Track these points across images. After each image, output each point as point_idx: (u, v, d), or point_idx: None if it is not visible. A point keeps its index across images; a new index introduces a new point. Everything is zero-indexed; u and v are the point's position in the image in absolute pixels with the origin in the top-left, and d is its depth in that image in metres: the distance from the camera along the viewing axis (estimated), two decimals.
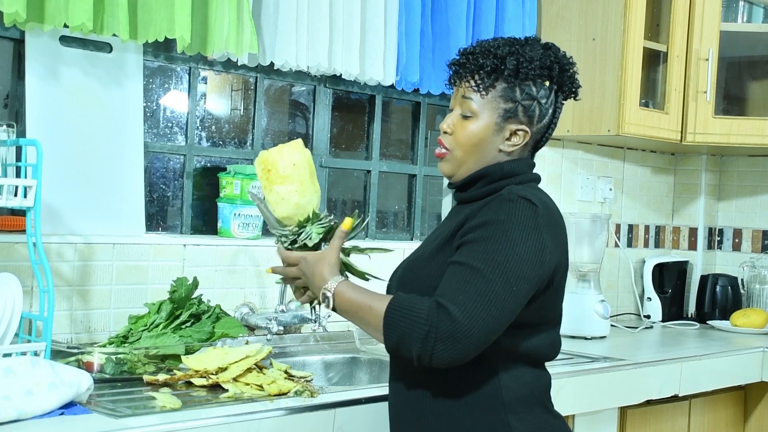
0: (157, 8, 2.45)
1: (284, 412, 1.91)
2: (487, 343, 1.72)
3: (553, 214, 1.84)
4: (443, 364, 1.69)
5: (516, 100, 1.87)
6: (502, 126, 1.88)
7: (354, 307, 1.78)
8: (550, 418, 1.91)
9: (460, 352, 1.68)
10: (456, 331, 1.66)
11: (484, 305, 1.69)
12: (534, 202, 1.79)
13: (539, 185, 1.95)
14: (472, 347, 1.69)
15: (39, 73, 2.41)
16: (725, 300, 4.05)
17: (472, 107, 1.88)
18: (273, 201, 1.90)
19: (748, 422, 3.44)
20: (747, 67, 4.12)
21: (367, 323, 1.76)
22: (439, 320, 1.67)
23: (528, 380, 1.87)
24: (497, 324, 1.71)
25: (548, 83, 1.90)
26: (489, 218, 1.77)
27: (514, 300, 1.73)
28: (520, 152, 1.92)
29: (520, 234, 1.75)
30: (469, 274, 1.72)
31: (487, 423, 1.82)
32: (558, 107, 1.93)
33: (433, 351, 1.67)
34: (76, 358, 2.10)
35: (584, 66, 3.49)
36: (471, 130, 1.89)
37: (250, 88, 2.98)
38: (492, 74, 1.87)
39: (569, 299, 3.37)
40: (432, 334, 1.66)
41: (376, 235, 3.30)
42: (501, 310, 1.71)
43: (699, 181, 4.25)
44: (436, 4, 3.18)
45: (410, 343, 1.68)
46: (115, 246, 2.51)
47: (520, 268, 1.73)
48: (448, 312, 1.67)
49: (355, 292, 1.80)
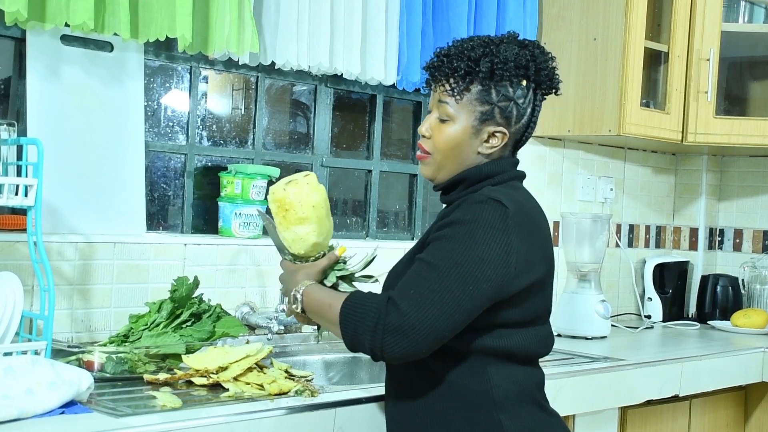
0: (158, 7, 2.45)
1: (285, 411, 1.91)
2: (441, 340, 1.72)
3: (527, 214, 1.83)
4: (396, 359, 1.71)
5: (492, 102, 1.86)
6: (479, 129, 1.88)
7: (318, 306, 1.84)
8: (544, 416, 1.91)
9: (410, 346, 1.69)
10: (403, 324, 1.68)
11: (435, 302, 1.70)
12: (504, 203, 1.78)
13: (523, 182, 1.96)
14: (422, 342, 1.70)
15: (40, 72, 2.41)
16: (726, 300, 4.05)
17: (449, 111, 1.88)
18: (290, 239, 1.93)
19: (748, 423, 3.44)
20: (748, 68, 4.12)
21: (330, 321, 1.81)
22: (387, 313, 1.69)
23: (519, 378, 1.87)
24: (450, 321, 1.71)
25: (525, 82, 1.88)
26: (456, 218, 1.79)
27: (471, 300, 1.73)
28: (500, 153, 1.92)
29: (484, 235, 1.75)
30: (426, 271, 1.74)
31: (479, 422, 1.82)
32: (537, 105, 1.92)
33: (383, 343, 1.69)
34: (76, 357, 2.10)
35: (585, 66, 3.50)
36: (448, 134, 1.89)
37: (251, 87, 2.98)
38: (466, 77, 1.86)
39: (570, 299, 3.40)
40: (380, 325, 1.69)
41: (377, 234, 3.30)
42: (454, 308, 1.71)
43: (700, 182, 4.24)
44: (437, 3, 3.18)
45: (362, 336, 1.72)
46: (115, 245, 2.51)
47: (480, 269, 1.73)
48: (396, 305, 1.69)
49: (320, 292, 1.86)
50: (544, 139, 3.68)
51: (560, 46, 3.55)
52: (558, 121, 3.55)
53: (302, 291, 1.88)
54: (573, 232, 3.47)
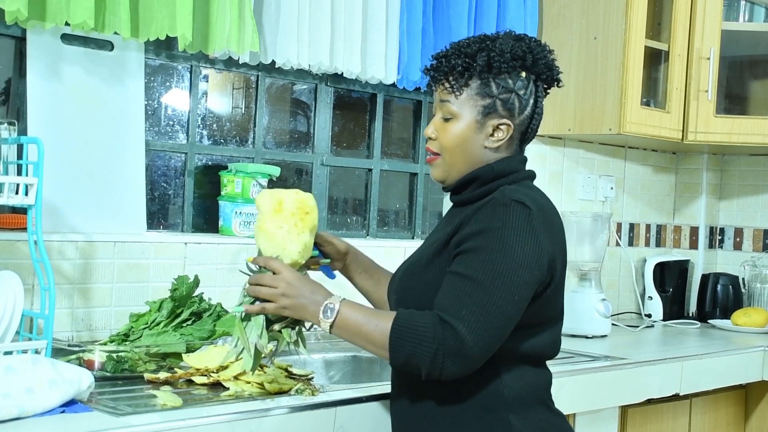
0: (158, 6, 2.45)
1: (285, 410, 1.91)
2: (492, 353, 1.74)
3: (547, 213, 1.84)
4: (452, 378, 1.72)
5: (493, 95, 1.86)
6: (483, 123, 1.88)
7: (357, 323, 1.77)
8: (551, 416, 1.92)
9: (467, 366, 1.71)
10: (462, 348, 1.69)
11: (488, 318, 1.70)
12: (527, 204, 1.78)
13: (534, 182, 1.95)
14: (479, 359, 1.72)
15: (40, 71, 2.41)
16: (726, 299, 4.04)
17: (451, 109, 1.89)
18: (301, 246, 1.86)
19: (749, 421, 3.44)
20: (748, 66, 4.11)
21: (371, 341, 1.76)
22: (445, 338, 1.68)
23: (529, 379, 1.87)
24: (500, 334, 1.73)
25: (524, 74, 1.88)
26: (484, 226, 1.77)
27: (516, 308, 1.74)
28: (507, 146, 1.91)
29: (516, 240, 1.74)
30: (470, 287, 1.72)
31: (488, 422, 1.82)
32: (539, 96, 1.92)
33: (443, 368, 1.69)
34: (77, 356, 2.10)
35: (585, 65, 3.49)
36: (453, 132, 1.89)
37: (252, 86, 2.98)
38: (465, 73, 1.86)
39: (570, 298, 3.39)
40: (440, 352, 1.68)
41: (377, 233, 3.30)
42: (504, 320, 1.72)
43: (700, 180, 4.24)
44: (437, 2, 3.18)
45: (419, 361, 1.70)
46: (116, 244, 2.51)
47: (519, 275, 1.73)
48: (454, 329, 1.69)
49: (358, 308, 1.80)
50: (545, 138, 3.68)
51: (560, 44, 3.54)
52: (558, 119, 3.55)
53: (339, 302, 1.79)
54: (573, 231, 3.46)
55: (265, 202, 1.87)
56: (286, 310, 1.80)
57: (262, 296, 1.80)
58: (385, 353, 1.74)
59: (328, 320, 1.78)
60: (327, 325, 1.78)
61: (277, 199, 1.87)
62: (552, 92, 2.00)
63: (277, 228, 1.85)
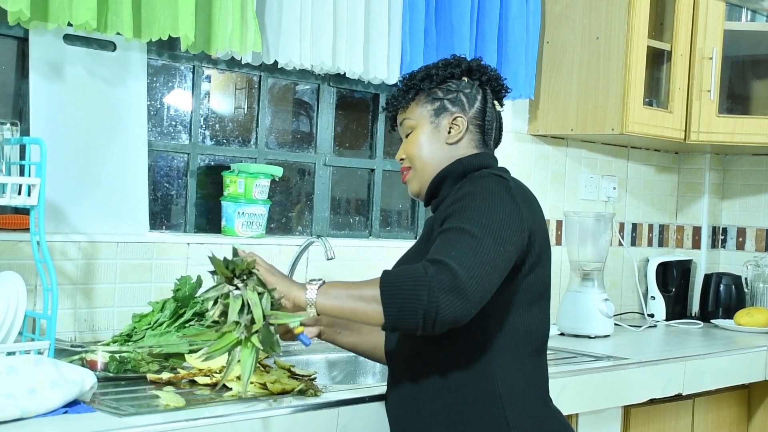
0: (160, 7, 2.45)
1: (288, 410, 1.91)
2: (484, 301, 1.72)
3: (523, 190, 1.90)
4: (448, 322, 1.67)
5: (440, 98, 2.01)
6: (438, 123, 2.00)
7: (344, 288, 1.76)
8: (548, 412, 1.93)
9: (463, 307, 1.67)
10: (457, 282, 1.66)
11: (478, 260, 1.71)
12: (504, 177, 1.87)
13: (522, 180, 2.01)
14: (473, 301, 1.69)
15: (43, 72, 2.41)
16: (729, 299, 4.04)
17: (409, 123, 2.04)
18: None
19: (751, 421, 3.43)
20: (751, 66, 4.11)
21: (360, 298, 1.72)
22: (438, 273, 1.67)
23: (526, 372, 1.88)
24: (491, 282, 1.72)
25: (466, 78, 2.02)
26: (465, 192, 1.84)
27: (503, 261, 1.76)
28: (470, 143, 2.00)
29: (498, 201, 1.80)
30: (459, 234, 1.74)
31: (484, 418, 1.83)
32: (487, 96, 2.03)
33: (439, 304, 1.64)
34: (79, 357, 2.11)
35: (588, 65, 3.49)
36: (416, 140, 2.02)
37: (254, 86, 2.98)
38: (410, 91, 2.03)
39: (573, 298, 3.40)
40: (435, 286, 1.65)
41: (380, 234, 3.30)
42: (493, 268, 1.73)
43: (703, 180, 4.24)
44: (440, 2, 3.18)
45: (415, 304, 1.65)
46: (118, 244, 2.51)
47: (504, 231, 1.77)
48: (446, 265, 1.68)
49: (341, 282, 1.81)
50: (547, 138, 3.68)
51: (563, 45, 3.55)
52: (561, 120, 3.55)
53: (319, 280, 1.80)
54: (576, 231, 3.46)
55: None
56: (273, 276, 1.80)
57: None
58: (377, 307, 1.69)
59: (313, 285, 1.77)
60: (313, 291, 1.76)
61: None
62: (554, 92, 2.04)
63: None
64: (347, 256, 2.99)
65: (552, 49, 3.58)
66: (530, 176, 3.61)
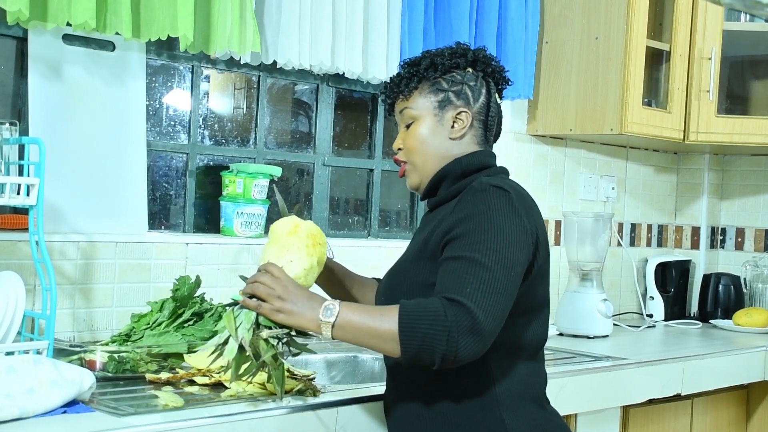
0: (159, 7, 2.45)
1: (286, 410, 1.91)
2: (499, 330, 1.73)
3: (525, 198, 1.87)
4: (466, 359, 1.69)
5: (445, 90, 1.96)
6: (441, 116, 1.95)
7: (360, 320, 1.74)
8: (546, 414, 1.92)
9: (480, 344, 1.68)
10: (476, 325, 1.67)
11: (492, 293, 1.71)
12: (505, 188, 1.82)
13: (509, 177, 1.98)
14: (490, 336, 1.70)
15: (42, 72, 2.41)
16: (728, 299, 4.04)
17: (410, 113, 1.98)
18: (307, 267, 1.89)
19: (750, 422, 3.43)
20: (750, 67, 4.11)
21: (378, 335, 1.72)
22: (456, 315, 1.67)
23: (523, 378, 1.88)
24: (504, 311, 1.73)
25: (471, 70, 1.98)
26: (469, 211, 1.80)
27: (513, 285, 1.76)
28: (472, 139, 1.96)
29: (503, 220, 1.78)
30: (469, 266, 1.73)
31: (482, 421, 1.82)
32: (491, 89, 1.99)
33: (458, 347, 1.66)
34: (78, 357, 2.10)
35: (587, 65, 3.49)
36: (416, 133, 1.96)
37: (253, 86, 2.98)
38: (413, 78, 1.97)
39: (572, 298, 3.40)
40: (454, 330, 1.66)
41: (379, 234, 3.30)
42: (505, 296, 1.73)
43: (702, 180, 4.24)
44: (439, 2, 3.18)
45: (433, 344, 1.66)
46: (117, 244, 2.51)
47: (512, 252, 1.76)
48: (463, 306, 1.68)
49: (358, 307, 1.79)
50: (546, 138, 3.68)
51: (562, 45, 3.55)
52: (560, 120, 3.55)
53: (339, 303, 1.77)
54: (575, 231, 3.46)
55: (282, 224, 1.93)
56: (281, 314, 1.78)
57: (259, 294, 1.80)
58: (395, 345, 1.70)
59: (328, 319, 1.75)
60: (328, 327, 1.75)
61: (294, 223, 1.93)
62: (553, 92, 2.03)
63: (287, 245, 1.89)
64: (346, 256, 2.99)
65: (551, 50, 3.58)
66: (529, 176, 3.61)
